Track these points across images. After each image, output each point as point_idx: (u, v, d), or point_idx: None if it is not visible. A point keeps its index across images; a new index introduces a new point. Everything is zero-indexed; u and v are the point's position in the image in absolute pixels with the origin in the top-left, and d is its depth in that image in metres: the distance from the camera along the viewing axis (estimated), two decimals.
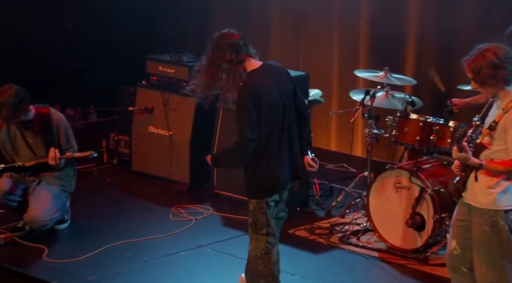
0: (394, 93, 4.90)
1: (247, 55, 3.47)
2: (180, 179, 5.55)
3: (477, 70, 3.22)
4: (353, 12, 6.08)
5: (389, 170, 4.47)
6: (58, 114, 4.61)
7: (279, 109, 3.56)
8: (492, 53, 3.21)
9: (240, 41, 3.47)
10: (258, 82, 3.48)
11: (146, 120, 5.68)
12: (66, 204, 4.70)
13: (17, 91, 4.34)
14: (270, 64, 3.64)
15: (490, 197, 3.29)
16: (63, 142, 4.53)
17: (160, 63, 5.64)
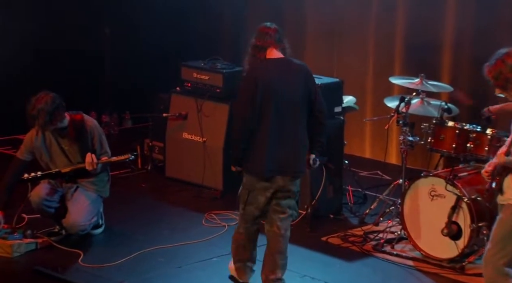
0: (430, 100, 4.87)
1: (271, 44, 3.86)
2: (213, 185, 5.60)
3: (497, 75, 3.27)
4: (388, 18, 6.07)
5: (424, 178, 4.45)
6: (91, 120, 4.70)
7: (276, 102, 3.79)
8: (511, 58, 3.24)
9: (272, 33, 3.88)
10: (261, 68, 3.85)
11: (180, 127, 5.75)
12: (100, 209, 4.80)
13: (53, 98, 4.44)
14: (290, 60, 3.90)
15: None
16: (97, 147, 4.61)
17: (194, 70, 5.71)
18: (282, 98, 3.82)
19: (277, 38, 3.89)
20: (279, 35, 3.90)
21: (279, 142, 3.84)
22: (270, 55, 3.88)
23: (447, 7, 5.73)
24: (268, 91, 3.81)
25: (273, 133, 3.83)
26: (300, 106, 3.84)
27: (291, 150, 3.86)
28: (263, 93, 3.80)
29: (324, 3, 6.29)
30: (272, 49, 3.87)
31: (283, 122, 3.83)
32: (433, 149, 4.62)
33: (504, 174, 3.34)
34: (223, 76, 5.56)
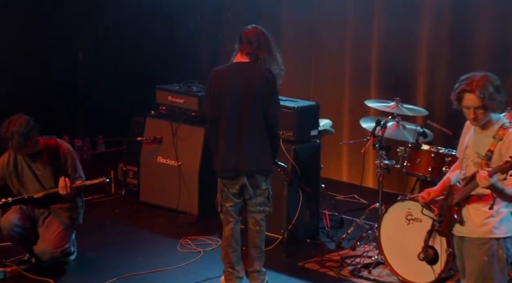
0: (405, 124, 4.95)
1: (240, 48, 4.09)
2: (188, 210, 5.60)
3: (490, 95, 3.25)
4: (364, 42, 6.19)
5: (401, 202, 4.50)
6: (65, 144, 4.69)
7: (231, 102, 4.05)
8: (491, 78, 3.30)
9: (243, 36, 4.10)
10: (219, 70, 4.14)
11: (154, 151, 5.75)
12: (73, 236, 4.75)
13: (27, 121, 4.43)
14: (252, 65, 4.10)
15: (488, 226, 3.35)
16: (71, 172, 4.60)
17: (169, 93, 5.74)
18: (234, 101, 4.06)
19: (247, 41, 4.08)
20: (258, 38, 4.08)
21: (229, 143, 4.09)
22: (236, 59, 4.14)
23: (422, 32, 5.86)
24: (219, 94, 4.08)
25: (227, 134, 4.10)
26: (254, 108, 4.06)
27: (240, 151, 4.09)
28: (216, 96, 4.09)
29: (300, 28, 6.39)
30: (238, 53, 4.12)
31: (236, 124, 4.07)
32: (409, 172, 4.69)
33: (463, 204, 3.38)
34: (199, 100, 5.59)
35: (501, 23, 5.40)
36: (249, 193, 4.19)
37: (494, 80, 3.30)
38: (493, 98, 3.25)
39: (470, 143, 3.43)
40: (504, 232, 3.36)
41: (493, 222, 3.34)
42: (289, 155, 4.99)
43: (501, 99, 3.29)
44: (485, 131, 3.35)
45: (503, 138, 3.28)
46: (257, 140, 4.11)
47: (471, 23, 5.55)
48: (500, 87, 3.29)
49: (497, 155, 3.28)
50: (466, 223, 3.41)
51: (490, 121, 3.33)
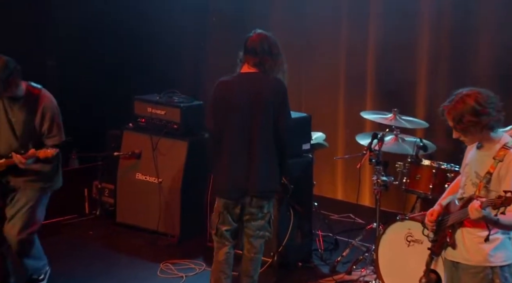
0: (405, 137, 4.94)
1: (246, 59, 4.06)
2: (169, 231, 5.54)
3: (459, 117, 3.26)
4: (359, 48, 6.19)
5: (400, 221, 4.47)
6: (49, 99, 4.50)
7: (238, 115, 3.99)
8: (472, 99, 3.26)
9: (249, 45, 4.06)
10: (224, 81, 4.09)
11: (133, 167, 5.70)
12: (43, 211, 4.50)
13: (6, 63, 4.26)
14: (261, 74, 4.06)
15: (483, 253, 3.31)
16: (45, 129, 4.42)
17: (149, 104, 5.70)
18: (241, 114, 4.01)
19: (252, 50, 4.04)
20: (263, 46, 4.04)
21: (237, 160, 4.02)
22: (242, 70, 4.10)
23: (422, 38, 5.87)
24: (225, 107, 4.03)
25: (233, 151, 4.03)
26: (262, 124, 4.01)
27: (249, 169, 4.02)
28: (221, 109, 4.03)
29: (290, 33, 6.38)
30: (245, 65, 4.09)
31: (242, 140, 4.01)
32: (409, 189, 4.67)
33: (457, 226, 3.36)
34: (181, 111, 5.55)
35: (505, 28, 5.42)
36: (249, 215, 4.10)
37: (476, 102, 3.24)
38: (462, 121, 3.23)
39: (470, 161, 3.43)
40: (501, 260, 3.33)
41: (487, 248, 3.31)
42: None
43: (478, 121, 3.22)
44: (486, 151, 3.34)
45: (504, 159, 3.26)
46: (266, 157, 4.03)
47: (474, 28, 5.57)
48: (484, 107, 3.23)
49: (496, 178, 3.26)
50: (459, 247, 3.39)
51: (491, 139, 3.31)
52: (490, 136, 3.31)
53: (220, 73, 6.69)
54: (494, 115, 3.27)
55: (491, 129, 3.28)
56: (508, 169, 3.24)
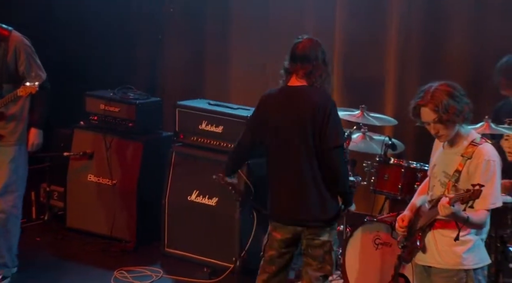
0: (372, 135, 5.03)
1: (295, 68, 3.88)
2: (124, 236, 5.55)
3: (445, 106, 3.31)
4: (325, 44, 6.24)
5: (368, 224, 4.57)
6: (19, 37, 4.51)
7: (276, 139, 3.90)
8: (449, 87, 3.37)
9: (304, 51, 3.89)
10: (268, 96, 3.98)
11: (84, 168, 5.69)
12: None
13: None
14: (308, 89, 3.87)
15: (456, 255, 3.39)
16: (25, 69, 4.42)
17: (101, 100, 5.70)
18: (282, 135, 3.89)
19: (304, 58, 3.84)
20: (316, 53, 3.87)
21: (279, 184, 3.95)
22: (290, 82, 3.91)
23: (390, 33, 5.97)
24: (266, 126, 3.93)
25: (273, 174, 3.97)
26: (303, 144, 3.83)
27: (292, 195, 3.92)
28: (261, 128, 3.95)
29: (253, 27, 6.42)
30: (293, 76, 3.89)
31: (283, 162, 3.91)
32: (377, 190, 4.76)
33: (427, 229, 3.43)
34: (136, 108, 5.57)
35: (475, 24, 5.56)
36: (306, 245, 3.96)
37: (453, 89, 3.36)
38: (447, 110, 3.30)
39: (438, 161, 3.51)
40: (474, 262, 3.41)
41: (460, 251, 3.39)
42: (241, 171, 4.99)
43: (461, 109, 3.33)
44: (454, 148, 3.42)
45: (472, 156, 3.35)
46: (307, 184, 3.85)
47: (443, 24, 5.70)
48: (460, 97, 3.35)
49: (465, 175, 3.35)
50: (430, 251, 3.45)
51: (459, 136, 3.40)
52: (460, 132, 3.39)
53: (178, 67, 6.78)
54: (469, 103, 3.37)
55: (458, 123, 3.36)
56: (477, 166, 3.34)
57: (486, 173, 3.32)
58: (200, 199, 5.26)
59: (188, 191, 5.30)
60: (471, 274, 3.39)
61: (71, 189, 5.76)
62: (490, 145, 3.42)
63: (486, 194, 3.27)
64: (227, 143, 5.16)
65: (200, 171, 5.25)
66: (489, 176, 3.32)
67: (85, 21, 6.70)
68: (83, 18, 6.68)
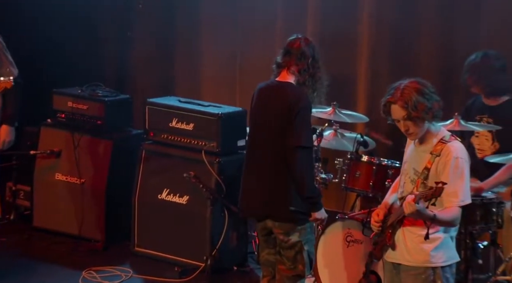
0: (344, 132, 5.11)
1: (288, 63, 3.96)
2: (93, 236, 5.57)
3: (413, 104, 3.39)
4: None
5: (339, 221, 4.64)
6: None
7: (253, 133, 4.02)
8: (419, 84, 3.45)
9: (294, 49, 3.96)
10: (257, 90, 4.08)
11: (51, 166, 5.69)
12: None
13: None
14: (284, 87, 3.95)
15: (424, 253, 3.47)
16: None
17: (69, 98, 5.70)
18: (258, 130, 4.01)
19: (298, 57, 3.93)
20: (303, 53, 3.93)
21: (251, 178, 4.03)
22: (280, 78, 4.00)
23: (361, 30, 6.04)
24: (250, 120, 4.07)
25: (247, 168, 4.06)
26: (272, 140, 3.92)
27: (262, 189, 3.99)
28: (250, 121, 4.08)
29: (223, 23, 6.45)
30: (285, 72, 3.98)
31: (257, 157, 4.01)
32: (348, 187, 4.84)
33: (397, 226, 3.50)
34: (105, 106, 5.58)
35: (446, 22, 5.67)
36: (277, 243, 4.03)
37: (423, 86, 3.44)
38: (416, 107, 3.37)
39: (408, 158, 3.60)
40: (442, 260, 3.48)
41: (428, 248, 3.46)
42: (212, 168, 5.04)
43: (430, 106, 3.41)
44: (424, 146, 3.51)
45: (441, 154, 3.43)
46: (277, 179, 3.93)
47: (415, 22, 5.80)
48: (430, 94, 3.43)
49: (434, 173, 3.43)
50: (399, 248, 3.52)
51: (429, 133, 3.48)
52: (429, 129, 3.48)
53: (148, 64, 6.79)
54: (439, 100, 3.45)
55: (428, 121, 3.44)
56: (445, 164, 3.42)
57: (455, 171, 3.40)
58: (170, 197, 5.29)
59: (159, 189, 5.32)
60: (439, 271, 3.45)
61: (38, 188, 5.75)
62: (459, 143, 3.51)
63: (455, 191, 3.38)
64: (198, 140, 5.20)
65: (171, 169, 5.27)
66: (458, 173, 3.40)
67: (52, 17, 6.68)
68: (50, 14, 6.66)
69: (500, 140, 4.74)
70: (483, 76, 4.73)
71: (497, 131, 4.69)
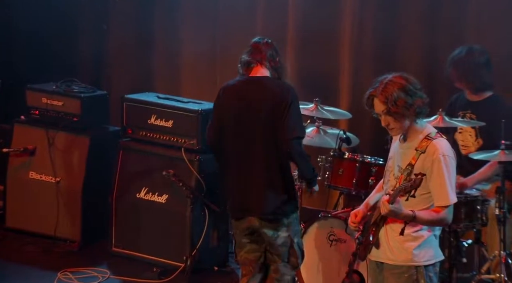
0: (327, 129, 5.13)
1: (259, 61, 4.12)
2: (68, 236, 5.56)
3: (393, 99, 3.41)
4: (277, 35, 6.31)
5: (322, 219, 4.67)
6: None
7: (234, 130, 4.05)
8: (403, 80, 3.47)
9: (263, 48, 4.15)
10: (226, 88, 4.16)
11: (25, 165, 5.67)
12: None
13: None
14: (264, 81, 4.11)
15: (407, 252, 3.49)
16: None
17: (43, 94, 5.68)
18: (240, 126, 4.05)
19: (269, 54, 4.15)
20: (272, 52, 4.16)
21: (237, 177, 4.08)
22: (253, 73, 4.11)
23: (344, 24, 6.07)
24: (225, 116, 4.08)
25: (232, 166, 4.09)
26: (262, 136, 4.03)
27: (250, 187, 4.07)
28: (221, 117, 4.10)
29: (203, 16, 6.44)
30: (259, 68, 4.10)
31: (246, 154, 4.05)
32: (331, 185, 4.87)
33: (381, 224, 3.52)
34: (82, 102, 5.56)
35: (429, 16, 5.71)
36: (266, 241, 4.11)
37: (406, 82, 3.46)
38: (396, 103, 3.40)
39: (393, 155, 3.62)
40: (425, 259, 3.50)
41: (411, 247, 3.48)
42: (192, 166, 5.04)
43: (411, 103, 3.42)
44: (408, 142, 3.53)
45: (426, 150, 3.45)
46: (264, 177, 4.03)
47: (398, 16, 5.83)
48: (413, 90, 3.45)
49: (418, 170, 3.42)
50: (382, 247, 3.55)
51: (414, 130, 3.50)
52: (414, 125, 3.49)
53: (125, 59, 6.74)
54: (424, 97, 3.46)
55: (419, 115, 3.46)
56: (433, 162, 3.43)
57: (447, 169, 3.42)
58: (149, 196, 5.29)
59: (137, 188, 5.32)
60: (422, 270, 3.47)
61: (11, 186, 5.72)
62: (445, 140, 3.53)
63: (444, 191, 3.40)
64: (177, 137, 5.20)
65: (150, 167, 5.27)
66: (448, 171, 3.41)
67: (26, 11, 6.63)
68: (25, 7, 6.61)
69: (483, 136, 4.78)
70: (468, 71, 4.76)
71: (481, 127, 4.73)
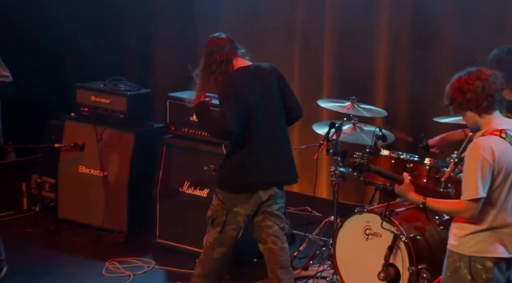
0: (363, 126, 5.05)
1: (234, 54, 4.14)
2: (116, 227, 5.56)
3: (445, 97, 3.43)
4: (315, 32, 6.27)
5: (358, 214, 4.59)
6: None
7: (258, 110, 4.07)
8: (457, 78, 3.44)
9: (228, 43, 4.16)
10: (238, 78, 4.09)
11: (75, 159, 5.69)
12: None
13: None
14: (258, 65, 4.21)
15: (455, 237, 3.43)
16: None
17: (92, 92, 5.69)
18: (262, 106, 4.10)
19: (235, 46, 4.18)
20: (233, 42, 4.19)
21: (266, 152, 4.11)
22: (238, 65, 4.16)
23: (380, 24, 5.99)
24: (248, 100, 4.07)
25: (259, 144, 4.10)
26: (279, 109, 4.17)
27: (280, 158, 4.16)
28: (244, 103, 4.06)
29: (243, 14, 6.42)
30: (238, 59, 4.17)
31: (268, 131, 4.11)
32: (367, 181, 4.78)
33: None
34: (128, 100, 5.56)
35: (466, 15, 5.58)
36: (268, 210, 4.17)
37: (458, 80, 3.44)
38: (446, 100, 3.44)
39: None
40: (472, 250, 3.39)
41: (458, 233, 3.42)
42: None
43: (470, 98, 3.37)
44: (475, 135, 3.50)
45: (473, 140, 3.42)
46: (288, 147, 4.23)
47: (435, 14, 5.72)
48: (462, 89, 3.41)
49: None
50: None
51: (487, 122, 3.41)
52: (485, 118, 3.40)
53: (169, 59, 6.76)
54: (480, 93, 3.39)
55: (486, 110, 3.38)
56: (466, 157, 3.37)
57: (471, 164, 3.32)
58: (191, 190, 5.27)
59: (180, 182, 5.31)
60: (466, 259, 3.37)
61: (63, 180, 5.75)
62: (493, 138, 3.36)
63: (464, 185, 3.33)
64: None
65: (191, 162, 5.26)
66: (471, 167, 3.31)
67: (78, 12, 6.69)
68: (77, 9, 6.67)
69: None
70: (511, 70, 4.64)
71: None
